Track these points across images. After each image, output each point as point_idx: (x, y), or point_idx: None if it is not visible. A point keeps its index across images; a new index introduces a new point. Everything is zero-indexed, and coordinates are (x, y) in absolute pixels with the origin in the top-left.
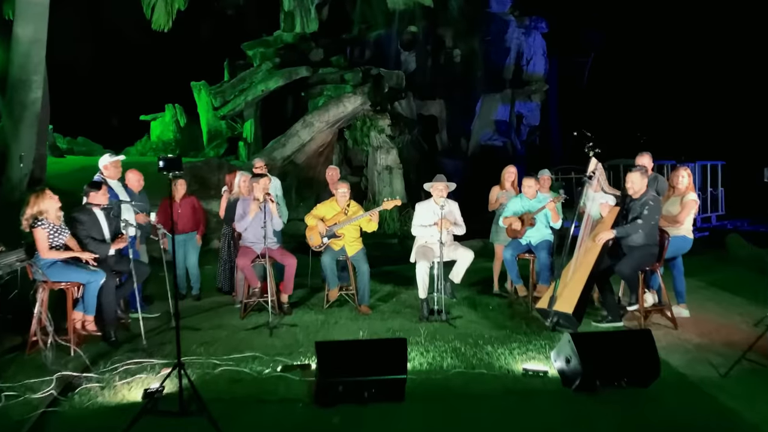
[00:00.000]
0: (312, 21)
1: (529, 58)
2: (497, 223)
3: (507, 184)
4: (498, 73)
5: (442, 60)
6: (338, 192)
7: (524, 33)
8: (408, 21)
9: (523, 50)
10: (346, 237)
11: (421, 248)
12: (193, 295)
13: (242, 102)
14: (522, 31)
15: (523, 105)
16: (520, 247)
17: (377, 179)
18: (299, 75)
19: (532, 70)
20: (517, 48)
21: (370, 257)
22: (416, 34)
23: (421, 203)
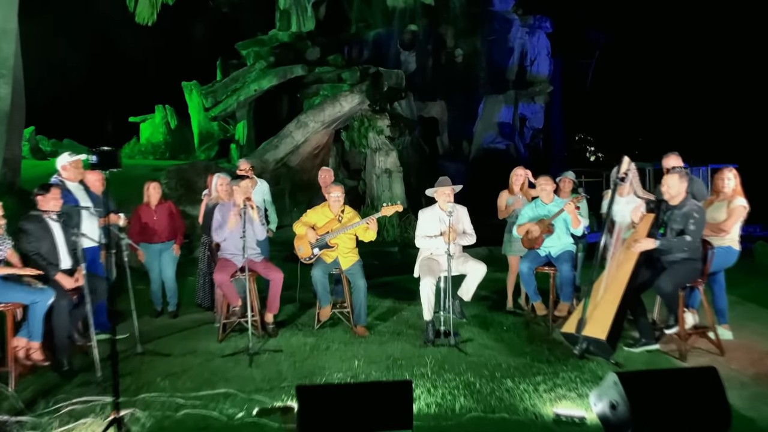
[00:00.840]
0: (308, 19)
1: (533, 58)
2: (510, 233)
3: (516, 188)
4: (501, 74)
5: (443, 60)
6: (331, 196)
7: (528, 32)
8: (408, 19)
9: (527, 50)
10: (340, 248)
11: (426, 261)
12: (170, 311)
13: (234, 102)
14: (526, 30)
15: (526, 107)
16: (538, 258)
17: (376, 183)
18: (294, 74)
19: (536, 70)
20: (520, 48)
21: (368, 267)
22: (416, 33)
23: (425, 211)
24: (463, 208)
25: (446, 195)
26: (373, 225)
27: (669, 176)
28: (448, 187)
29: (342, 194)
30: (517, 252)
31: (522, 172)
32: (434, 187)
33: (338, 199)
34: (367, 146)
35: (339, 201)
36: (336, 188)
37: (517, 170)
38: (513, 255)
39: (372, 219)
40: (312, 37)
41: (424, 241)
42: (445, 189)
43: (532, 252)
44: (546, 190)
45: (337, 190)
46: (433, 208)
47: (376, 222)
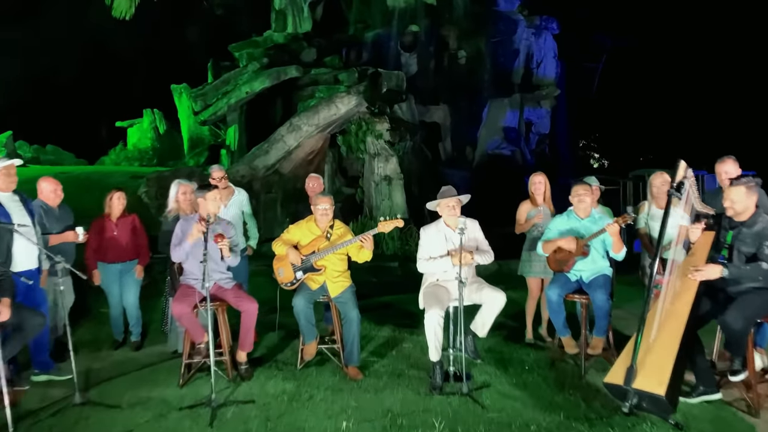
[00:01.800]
0: (305, 20)
1: (540, 60)
2: (530, 250)
3: (539, 199)
4: (506, 77)
5: (446, 62)
6: (317, 209)
7: (534, 33)
8: (409, 20)
9: (533, 52)
10: (328, 271)
11: (432, 289)
12: (133, 342)
13: (225, 105)
14: (532, 31)
15: (532, 111)
16: (568, 284)
17: (374, 191)
18: (288, 75)
19: (543, 73)
20: (526, 49)
21: (365, 285)
22: (418, 34)
23: (427, 228)
24: (474, 222)
25: (450, 208)
26: (369, 243)
27: (733, 189)
28: (452, 199)
29: (331, 206)
30: (538, 273)
31: (541, 179)
32: (436, 200)
33: (326, 213)
34: (365, 151)
35: (327, 215)
36: (323, 200)
37: (535, 177)
38: (533, 277)
39: (367, 236)
40: (308, 39)
41: (428, 265)
42: (448, 201)
43: (561, 276)
44: (585, 202)
45: (324, 202)
46: (438, 224)
47: (371, 240)
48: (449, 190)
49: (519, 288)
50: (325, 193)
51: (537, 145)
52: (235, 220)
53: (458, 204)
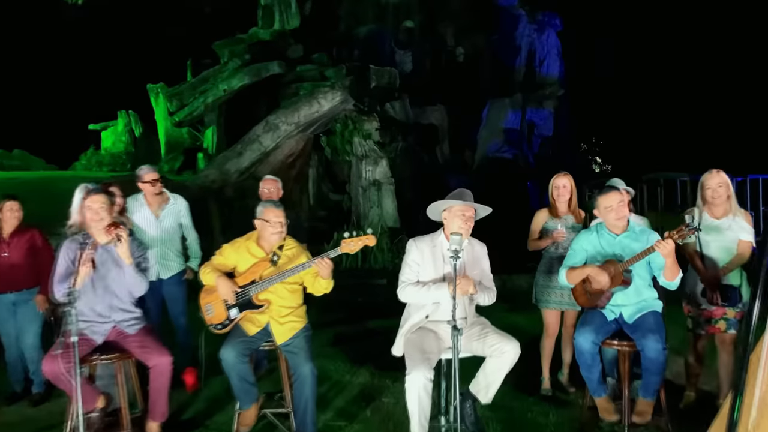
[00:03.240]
0: (293, 16)
1: (542, 58)
2: (547, 274)
3: (562, 207)
4: (507, 76)
5: (443, 60)
6: (264, 223)
7: (537, 30)
8: (403, 15)
9: (536, 49)
10: (274, 307)
11: (418, 335)
12: (33, 394)
13: (201, 105)
14: (534, 27)
15: (534, 112)
16: (605, 325)
17: (362, 197)
18: (270, 72)
19: (546, 72)
20: (528, 47)
21: (348, 306)
22: (413, 30)
23: (420, 241)
24: (482, 245)
25: (463, 218)
26: (325, 269)
27: None
28: (469, 206)
29: (282, 220)
30: (557, 305)
31: (566, 181)
32: (444, 201)
33: (277, 230)
34: (352, 153)
35: (278, 232)
36: (273, 211)
37: (558, 179)
38: (551, 309)
39: (323, 260)
40: (296, 36)
41: (415, 294)
42: (464, 208)
43: (594, 315)
44: (622, 213)
45: (275, 215)
46: (435, 239)
47: (330, 264)
48: (464, 192)
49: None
50: (273, 204)
51: (540, 148)
52: (170, 234)
53: (473, 216)
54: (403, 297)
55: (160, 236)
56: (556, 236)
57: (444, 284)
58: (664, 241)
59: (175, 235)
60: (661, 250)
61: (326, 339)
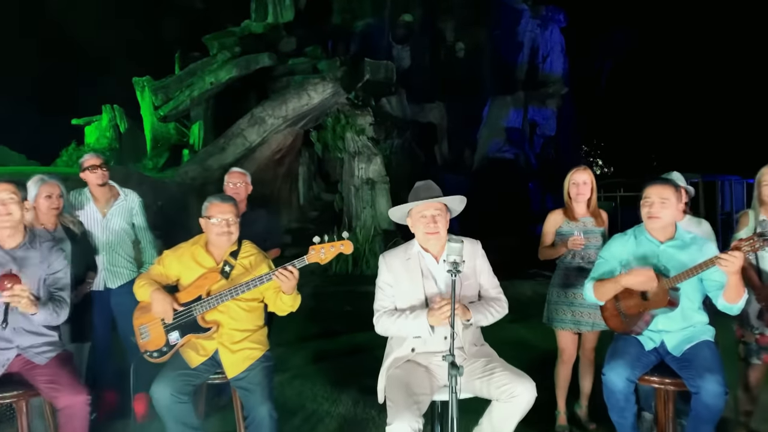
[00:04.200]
0: (286, 9)
1: (546, 55)
2: (563, 288)
3: (579, 208)
4: (509, 73)
5: (443, 56)
6: (211, 225)
7: (540, 25)
8: (401, 8)
9: (539, 45)
10: (225, 331)
11: (402, 371)
12: None
13: (187, 99)
14: (537, 22)
15: (537, 111)
16: (642, 357)
17: (354, 197)
18: (259, 64)
19: (549, 69)
20: (531, 43)
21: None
22: (411, 24)
23: (390, 256)
24: (475, 245)
25: (428, 220)
26: (288, 282)
27: None
28: (432, 203)
29: (228, 217)
30: (574, 325)
31: (587, 177)
32: (407, 204)
33: (223, 229)
34: (344, 150)
35: (226, 232)
36: (220, 207)
37: (577, 174)
38: (566, 330)
39: (286, 271)
40: (290, 29)
41: (390, 327)
42: (425, 207)
43: (628, 343)
44: (666, 210)
45: (222, 211)
46: (408, 250)
47: (295, 275)
48: (428, 187)
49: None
50: (222, 197)
51: (542, 148)
52: (119, 237)
53: (444, 213)
54: (379, 330)
55: (107, 239)
56: (573, 243)
57: (422, 312)
58: (728, 254)
59: (125, 238)
60: (726, 266)
61: (306, 356)
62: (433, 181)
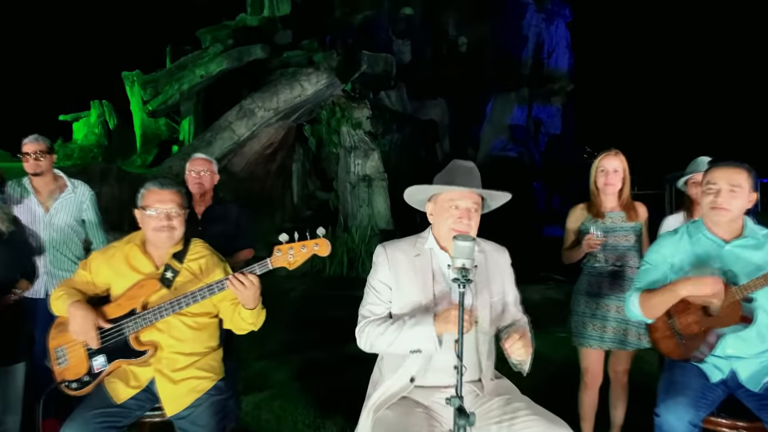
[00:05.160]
0: (283, 3)
1: (551, 50)
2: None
3: (610, 200)
4: (513, 68)
5: (444, 50)
6: (147, 217)
7: (545, 19)
8: (402, 2)
9: (544, 40)
10: (165, 355)
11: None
12: None
13: (177, 93)
14: (542, 16)
15: (541, 109)
16: (708, 392)
17: (350, 195)
18: (252, 56)
19: (554, 65)
20: (536, 38)
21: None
22: (412, 17)
23: (393, 248)
24: (501, 251)
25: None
26: (248, 291)
27: None
28: (471, 193)
29: (175, 209)
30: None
31: (618, 164)
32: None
33: (162, 223)
34: (339, 144)
35: (167, 228)
36: (153, 193)
37: (607, 161)
38: (594, 348)
39: (243, 278)
40: (286, 22)
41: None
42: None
43: (688, 373)
44: (736, 200)
45: (154, 197)
46: (420, 243)
47: (253, 284)
48: (468, 170)
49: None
50: (165, 183)
51: (546, 147)
52: (65, 235)
53: (478, 209)
54: (362, 343)
55: (50, 237)
56: (587, 244)
57: (428, 316)
58: None
59: (72, 236)
60: None
61: (291, 370)
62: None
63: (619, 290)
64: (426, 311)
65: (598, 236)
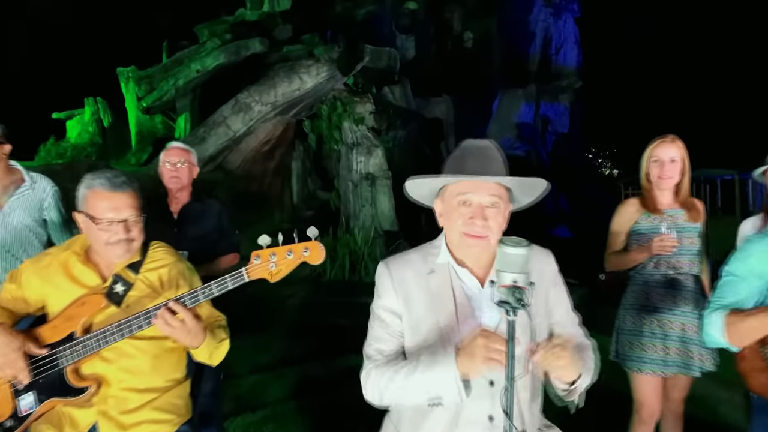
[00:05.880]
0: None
1: (559, 46)
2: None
3: (666, 195)
4: (520, 64)
5: (450, 46)
6: (98, 220)
7: (552, 14)
8: None
9: (552, 36)
10: (112, 393)
11: None
12: None
13: (172, 88)
14: (550, 11)
15: (548, 107)
16: None
17: (352, 194)
18: (250, 51)
19: (563, 61)
20: (543, 33)
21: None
22: (416, 12)
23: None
24: (545, 254)
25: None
26: (178, 334)
27: None
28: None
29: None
30: (660, 366)
31: (675, 151)
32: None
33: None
34: (341, 141)
35: (124, 242)
36: (107, 197)
37: (660, 149)
38: (649, 374)
39: (172, 314)
40: (286, 17)
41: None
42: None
43: None
44: None
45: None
46: (430, 257)
47: (186, 324)
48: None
49: None
50: (117, 182)
51: (553, 146)
52: (21, 237)
53: (504, 204)
54: (369, 394)
55: (2, 238)
56: (659, 245)
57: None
58: None
59: (31, 238)
60: None
61: (287, 386)
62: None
63: (683, 303)
64: (446, 345)
65: (672, 236)
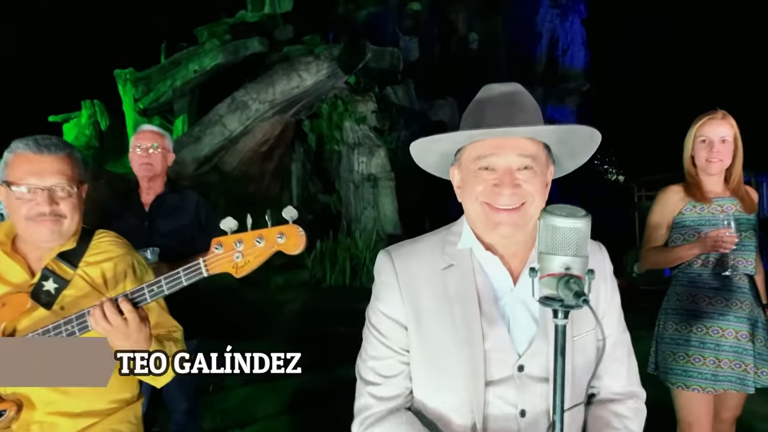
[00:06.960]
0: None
1: (566, 47)
2: (690, 318)
3: (715, 182)
4: (527, 66)
5: (454, 47)
6: (16, 199)
7: (559, 15)
8: None
9: (558, 37)
10: (37, 417)
11: None
12: None
13: (169, 89)
14: (557, 12)
15: (555, 110)
16: None
17: (353, 195)
18: (249, 50)
19: (570, 63)
20: (550, 34)
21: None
22: (420, 13)
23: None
24: (598, 248)
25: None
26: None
27: None
28: (517, 136)
29: (63, 185)
30: (711, 381)
31: (725, 129)
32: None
33: (42, 209)
34: (342, 141)
35: (50, 217)
36: (31, 160)
37: (708, 126)
38: (699, 390)
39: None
40: (287, 19)
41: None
42: (496, 144)
43: None
44: None
45: (38, 168)
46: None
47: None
48: (507, 99)
49: None
50: (45, 143)
51: None
52: None
53: (544, 166)
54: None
55: None
56: (716, 241)
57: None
58: None
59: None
60: None
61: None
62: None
63: (737, 307)
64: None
65: (732, 231)
